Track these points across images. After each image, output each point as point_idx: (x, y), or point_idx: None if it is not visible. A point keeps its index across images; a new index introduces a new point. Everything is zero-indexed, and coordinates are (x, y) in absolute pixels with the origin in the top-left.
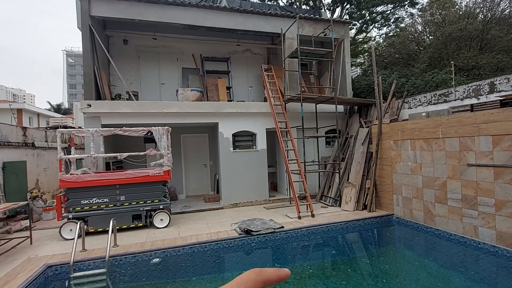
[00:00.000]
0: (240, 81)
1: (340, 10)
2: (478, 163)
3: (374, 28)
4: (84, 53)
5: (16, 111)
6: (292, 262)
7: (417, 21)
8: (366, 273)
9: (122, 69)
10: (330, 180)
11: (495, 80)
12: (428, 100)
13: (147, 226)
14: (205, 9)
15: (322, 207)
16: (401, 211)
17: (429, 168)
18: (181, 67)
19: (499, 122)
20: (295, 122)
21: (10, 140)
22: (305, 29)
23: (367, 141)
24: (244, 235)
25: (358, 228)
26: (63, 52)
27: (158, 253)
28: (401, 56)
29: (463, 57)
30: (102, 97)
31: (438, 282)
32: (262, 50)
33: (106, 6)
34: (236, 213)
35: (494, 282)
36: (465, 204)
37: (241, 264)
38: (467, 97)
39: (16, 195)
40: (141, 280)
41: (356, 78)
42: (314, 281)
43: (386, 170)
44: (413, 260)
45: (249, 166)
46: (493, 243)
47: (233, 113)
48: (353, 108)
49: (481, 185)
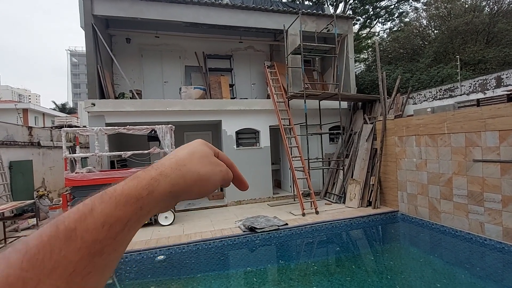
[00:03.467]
0: (243, 78)
1: (344, 5)
2: (484, 158)
3: (378, 23)
4: (88, 53)
5: (22, 111)
6: (297, 259)
7: (422, 15)
8: (371, 270)
9: (125, 68)
10: (334, 177)
11: (502, 74)
12: (434, 95)
13: (152, 224)
14: (206, 6)
15: (326, 204)
16: (406, 208)
17: (434, 164)
18: (184, 65)
19: (506, 117)
20: (299, 119)
21: (16, 140)
22: (308, 25)
23: (371, 137)
24: (248, 232)
25: (362, 225)
26: (67, 52)
27: (163, 250)
28: (405, 51)
29: (469, 51)
30: (106, 96)
31: (444, 279)
32: (264, 47)
33: (108, 5)
34: (240, 211)
35: (500, 278)
36: (471, 200)
37: (245, 261)
38: (473, 92)
39: (22, 194)
40: (146, 277)
41: (360, 74)
42: (319, 277)
43: (391, 166)
44: (418, 257)
45: (253, 164)
46: (499, 239)
47: (236, 110)
48: (357, 104)
49: (488, 181)
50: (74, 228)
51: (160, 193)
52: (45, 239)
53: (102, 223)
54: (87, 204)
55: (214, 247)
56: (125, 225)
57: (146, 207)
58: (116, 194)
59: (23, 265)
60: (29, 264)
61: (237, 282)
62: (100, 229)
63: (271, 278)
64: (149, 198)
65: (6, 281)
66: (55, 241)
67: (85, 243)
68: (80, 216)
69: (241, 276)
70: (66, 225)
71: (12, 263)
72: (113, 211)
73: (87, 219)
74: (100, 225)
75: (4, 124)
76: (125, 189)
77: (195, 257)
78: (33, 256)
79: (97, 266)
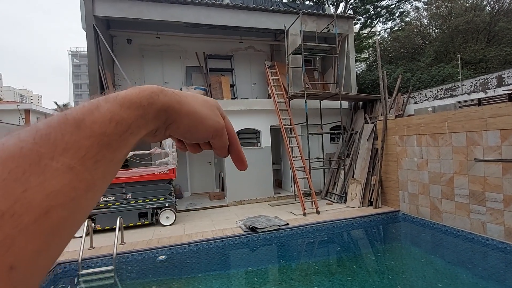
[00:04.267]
0: (244, 78)
1: (344, 5)
2: (486, 158)
3: (378, 22)
4: (89, 53)
5: (24, 112)
6: (298, 258)
7: (423, 14)
8: (372, 270)
9: (126, 68)
10: (335, 177)
11: (503, 74)
12: (434, 94)
13: (153, 224)
14: (207, 7)
15: (327, 203)
16: (407, 208)
17: (435, 164)
18: (185, 65)
19: (508, 116)
20: (299, 118)
21: None
22: (309, 25)
23: (372, 137)
24: (249, 232)
25: (363, 224)
26: (68, 53)
27: (164, 250)
28: (406, 50)
29: (470, 50)
30: None
31: (445, 279)
32: (265, 47)
33: (109, 6)
34: (241, 210)
35: (502, 278)
36: (472, 200)
37: (246, 261)
38: (474, 91)
39: None
40: (147, 277)
41: (361, 74)
42: (320, 277)
43: (392, 166)
44: (420, 257)
45: (254, 164)
46: (501, 239)
47: (237, 110)
48: (357, 104)
49: (489, 180)
50: (83, 119)
51: (158, 107)
52: (55, 124)
53: (109, 119)
54: (92, 102)
55: (215, 247)
56: (128, 127)
57: (145, 117)
58: (119, 97)
59: (36, 140)
60: (42, 140)
61: (238, 282)
62: (107, 123)
63: (272, 278)
64: (148, 109)
65: (20, 152)
66: (65, 126)
67: (94, 132)
68: (87, 110)
69: (242, 276)
70: (74, 115)
71: (23, 138)
72: (118, 111)
73: (94, 113)
74: (107, 120)
75: (7, 125)
76: (127, 94)
77: (196, 257)
78: (44, 134)
79: (106, 157)
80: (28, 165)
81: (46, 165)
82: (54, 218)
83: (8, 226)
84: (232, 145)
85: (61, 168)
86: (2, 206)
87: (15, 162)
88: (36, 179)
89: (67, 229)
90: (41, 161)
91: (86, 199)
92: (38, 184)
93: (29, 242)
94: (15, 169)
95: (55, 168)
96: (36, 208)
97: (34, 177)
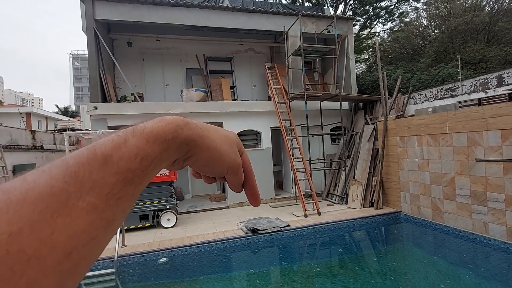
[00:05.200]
0: (244, 80)
1: (344, 6)
2: (487, 158)
3: (378, 23)
4: (90, 57)
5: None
6: (299, 260)
7: (422, 15)
8: (374, 271)
9: (127, 71)
10: (336, 178)
11: (503, 73)
12: (434, 95)
13: (154, 226)
14: (207, 10)
15: (328, 205)
16: (409, 208)
17: (436, 164)
18: (185, 67)
19: (508, 116)
20: (300, 120)
21: (20, 144)
22: (308, 27)
23: (372, 137)
24: (250, 234)
25: (365, 225)
26: (69, 56)
27: (166, 252)
28: (406, 51)
29: (469, 51)
30: (108, 99)
31: (448, 280)
32: (265, 48)
33: (109, 9)
34: (242, 212)
35: (505, 278)
36: (474, 200)
37: (247, 263)
38: (474, 91)
39: None
40: (149, 279)
41: (361, 75)
42: (322, 279)
43: (393, 167)
44: (422, 258)
45: (254, 165)
46: (503, 239)
47: (237, 112)
48: (358, 105)
49: (491, 180)
50: (111, 155)
51: (181, 141)
52: (84, 160)
53: (135, 155)
54: (121, 136)
55: (217, 249)
56: (152, 161)
57: (167, 150)
58: (146, 131)
59: (65, 179)
60: (71, 179)
61: (239, 284)
62: (133, 159)
63: (273, 280)
64: (172, 142)
65: (51, 191)
66: (94, 163)
67: (120, 169)
68: (115, 145)
69: (243, 278)
70: (103, 150)
71: (54, 176)
72: (144, 146)
73: (121, 148)
74: (133, 156)
75: (8, 128)
76: (154, 128)
77: (197, 259)
78: (74, 173)
79: (128, 193)
80: (57, 206)
81: (73, 205)
82: (75, 258)
83: (33, 270)
84: (247, 180)
85: (86, 207)
86: (29, 250)
87: (45, 202)
88: (63, 220)
89: (85, 266)
90: (69, 201)
91: (105, 234)
92: (65, 225)
93: (50, 284)
94: (45, 210)
95: (81, 208)
96: (60, 250)
97: (62, 218)
